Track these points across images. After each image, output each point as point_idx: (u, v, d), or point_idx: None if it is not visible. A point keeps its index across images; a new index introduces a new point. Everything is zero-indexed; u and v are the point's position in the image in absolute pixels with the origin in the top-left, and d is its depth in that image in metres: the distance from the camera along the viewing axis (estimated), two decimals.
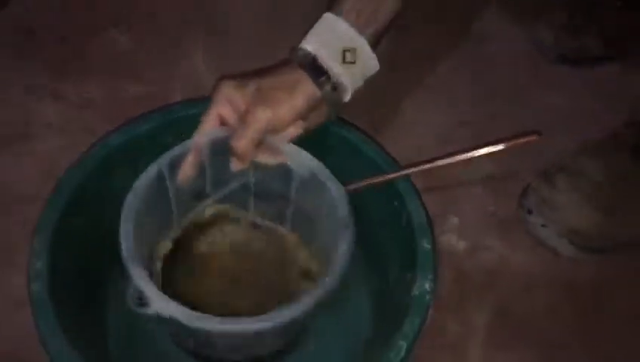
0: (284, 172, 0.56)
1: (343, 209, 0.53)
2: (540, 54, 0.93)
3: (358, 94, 0.56)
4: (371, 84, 0.56)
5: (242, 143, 0.52)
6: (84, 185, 0.57)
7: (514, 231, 0.75)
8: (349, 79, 0.54)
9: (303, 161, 0.55)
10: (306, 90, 0.52)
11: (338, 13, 0.53)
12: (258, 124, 0.51)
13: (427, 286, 0.54)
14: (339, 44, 0.53)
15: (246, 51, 0.88)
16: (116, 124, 0.61)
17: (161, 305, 0.46)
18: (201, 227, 0.61)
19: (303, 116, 0.53)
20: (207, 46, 0.90)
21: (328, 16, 0.54)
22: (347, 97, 0.55)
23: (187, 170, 0.55)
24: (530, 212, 0.74)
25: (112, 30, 0.91)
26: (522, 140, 0.52)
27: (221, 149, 0.54)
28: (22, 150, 0.78)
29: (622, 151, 0.75)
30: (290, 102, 0.52)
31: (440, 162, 0.54)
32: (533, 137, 0.52)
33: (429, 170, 0.54)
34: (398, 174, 0.57)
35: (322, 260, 0.56)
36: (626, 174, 0.73)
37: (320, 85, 0.53)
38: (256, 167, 0.55)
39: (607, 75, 0.91)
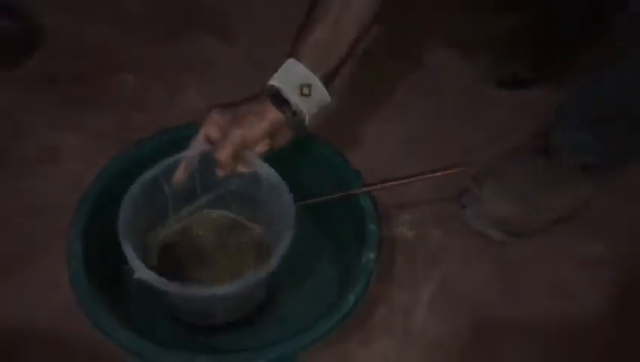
0: (255, 180, 0.72)
1: (290, 215, 0.68)
2: (481, 80, 1.12)
3: (319, 119, 0.73)
4: (337, 107, 0.74)
5: (223, 155, 0.69)
6: (105, 190, 0.74)
7: (453, 223, 0.93)
8: (306, 108, 0.71)
9: (268, 172, 0.71)
10: (271, 116, 0.70)
11: (298, 58, 0.71)
12: (235, 140, 0.69)
13: (372, 256, 0.71)
14: (297, 81, 0.70)
15: (230, 89, 1.06)
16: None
17: (140, 272, 0.62)
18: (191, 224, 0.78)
19: (270, 135, 0.71)
20: (199, 85, 1.09)
21: (290, 60, 0.71)
22: (306, 122, 0.72)
23: (180, 175, 0.71)
24: (465, 207, 0.92)
25: (122, 72, 1.09)
26: (454, 170, 0.72)
27: (208, 160, 0.71)
28: (50, 171, 0.96)
29: (536, 155, 0.92)
30: (260, 125, 0.69)
31: (388, 184, 0.73)
32: (463, 168, 0.73)
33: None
34: (344, 193, 0.75)
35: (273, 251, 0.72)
36: (539, 173, 0.91)
37: (283, 112, 0.70)
38: (236, 174, 0.73)
39: (534, 95, 1.09)
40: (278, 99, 0.70)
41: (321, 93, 0.71)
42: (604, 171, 0.92)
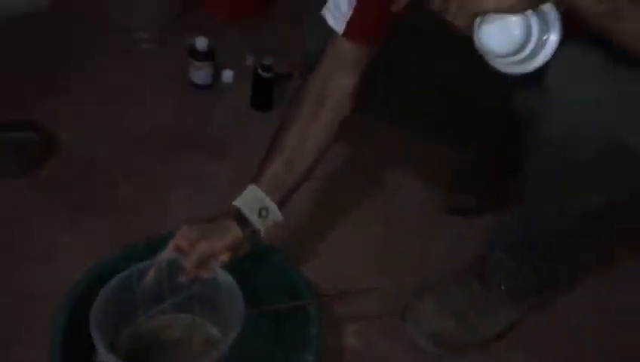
0: (215, 286, 0.85)
1: (240, 316, 0.80)
2: (434, 206, 1.26)
3: (280, 233, 0.87)
4: (300, 223, 0.87)
5: (189, 263, 0.83)
6: (87, 288, 0.86)
7: (397, 335, 1.03)
8: (263, 227, 0.86)
9: (226, 279, 0.85)
10: (233, 233, 0.84)
11: (258, 185, 0.86)
12: (200, 251, 0.82)
13: (311, 358, 0.82)
14: (257, 205, 0.86)
15: (217, 202, 1.22)
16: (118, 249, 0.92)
17: (103, 357, 0.74)
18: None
19: (231, 249, 0.85)
20: (188, 198, 1.24)
21: (251, 186, 0.87)
22: (262, 237, 0.86)
23: (149, 279, 0.84)
24: (406, 321, 1.03)
25: (120, 182, 1.25)
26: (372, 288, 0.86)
27: (175, 267, 0.85)
28: (47, 268, 1.09)
29: (473, 279, 1.04)
30: (223, 240, 0.84)
31: (326, 298, 0.89)
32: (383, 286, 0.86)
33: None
34: (294, 303, 0.88)
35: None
36: (474, 296, 1.02)
37: (243, 229, 0.84)
38: (199, 280, 0.86)
39: (479, 223, 1.22)
40: (240, 218, 0.85)
41: (275, 214, 0.87)
42: (533, 297, 1.03)
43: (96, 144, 1.34)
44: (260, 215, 0.86)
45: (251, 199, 0.86)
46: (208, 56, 1.51)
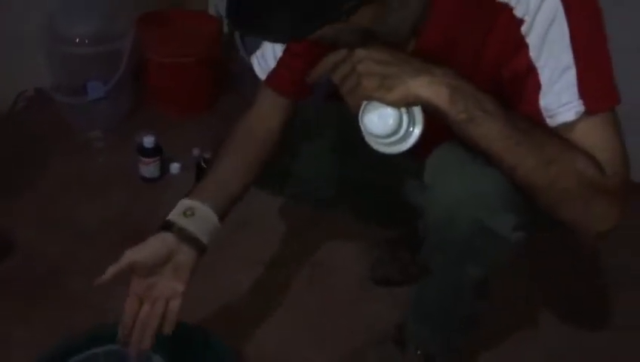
0: None
1: None
2: (365, 278, 1.39)
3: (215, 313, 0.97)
4: (235, 302, 0.98)
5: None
6: None
7: None
8: (192, 226, 0.89)
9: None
10: (161, 238, 0.89)
11: (185, 198, 0.94)
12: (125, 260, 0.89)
13: None
14: (181, 209, 0.91)
15: None
16: None
17: None
18: None
19: (168, 259, 0.89)
20: None
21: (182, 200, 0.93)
22: (204, 241, 0.90)
23: None
24: None
25: (71, 276, 1.35)
26: None
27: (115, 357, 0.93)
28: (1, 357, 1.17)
29: (396, 344, 1.15)
30: (153, 247, 0.89)
31: None
32: None
33: None
34: None
35: None
36: (392, 359, 1.13)
37: (173, 234, 0.88)
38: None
39: (403, 292, 1.34)
40: (167, 225, 0.90)
41: (204, 213, 0.91)
42: (450, 358, 1.14)
43: (50, 239, 1.44)
44: (184, 214, 0.90)
45: (177, 207, 0.92)
46: (156, 152, 1.65)
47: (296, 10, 0.68)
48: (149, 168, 1.66)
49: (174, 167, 1.71)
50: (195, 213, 0.91)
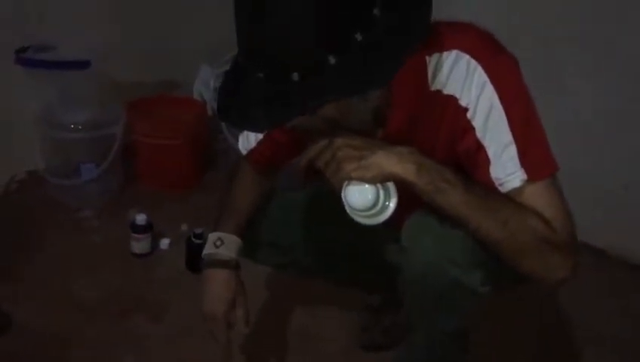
0: None
1: None
2: (352, 344, 1.47)
3: None
4: None
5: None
6: None
7: None
8: (226, 252, 1.12)
9: None
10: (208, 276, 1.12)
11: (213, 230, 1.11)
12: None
13: None
14: (212, 240, 1.14)
15: (159, 358, 1.38)
16: None
17: None
18: None
19: (233, 292, 1.12)
20: (134, 357, 1.40)
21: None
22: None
23: None
24: None
25: (71, 348, 1.40)
26: None
27: None
28: None
29: None
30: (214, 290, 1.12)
31: None
32: None
33: None
34: None
35: None
36: None
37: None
38: None
39: (388, 355, 1.43)
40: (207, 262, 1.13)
41: (230, 240, 1.13)
42: None
43: (51, 315, 1.49)
44: (215, 245, 1.12)
45: (208, 242, 1.15)
46: (147, 229, 1.74)
47: (270, 107, 0.83)
48: (140, 244, 1.74)
49: (164, 243, 1.80)
50: (224, 243, 1.13)
